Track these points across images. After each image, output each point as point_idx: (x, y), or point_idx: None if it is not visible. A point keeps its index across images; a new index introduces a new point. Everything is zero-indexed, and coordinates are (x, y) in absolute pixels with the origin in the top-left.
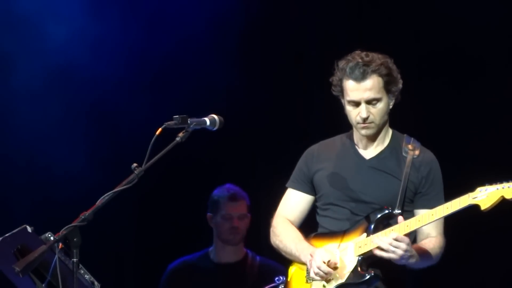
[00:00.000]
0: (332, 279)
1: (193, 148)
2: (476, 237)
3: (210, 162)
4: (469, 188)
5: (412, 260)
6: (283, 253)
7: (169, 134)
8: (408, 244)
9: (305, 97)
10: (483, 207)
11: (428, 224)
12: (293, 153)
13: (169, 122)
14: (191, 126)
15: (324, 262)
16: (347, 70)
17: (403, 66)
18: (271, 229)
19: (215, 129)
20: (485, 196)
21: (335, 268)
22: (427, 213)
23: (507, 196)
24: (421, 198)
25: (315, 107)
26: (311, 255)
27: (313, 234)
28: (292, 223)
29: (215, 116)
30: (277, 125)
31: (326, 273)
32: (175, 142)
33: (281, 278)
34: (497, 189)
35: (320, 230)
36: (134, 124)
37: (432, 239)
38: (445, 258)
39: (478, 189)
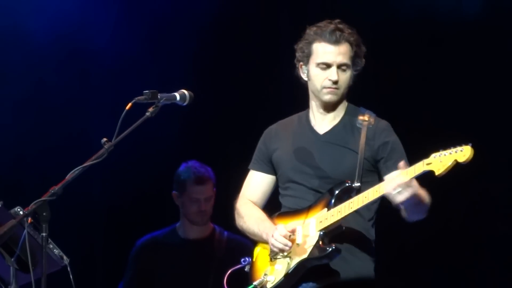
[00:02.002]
0: (296, 255)
1: (164, 124)
2: None
3: (181, 138)
4: (425, 155)
5: (415, 200)
6: (248, 234)
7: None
8: (416, 185)
9: (278, 76)
10: (437, 172)
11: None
12: (256, 130)
13: (139, 97)
14: (161, 101)
15: (282, 235)
16: (322, 32)
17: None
18: (235, 211)
19: (185, 104)
20: (439, 161)
21: (292, 240)
22: (383, 183)
23: (460, 160)
24: (385, 164)
25: (287, 87)
26: (272, 233)
27: (276, 214)
28: (256, 204)
29: (185, 91)
30: (250, 102)
31: (284, 245)
32: (144, 117)
33: (247, 259)
34: (450, 153)
35: (283, 209)
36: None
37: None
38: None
39: (432, 155)
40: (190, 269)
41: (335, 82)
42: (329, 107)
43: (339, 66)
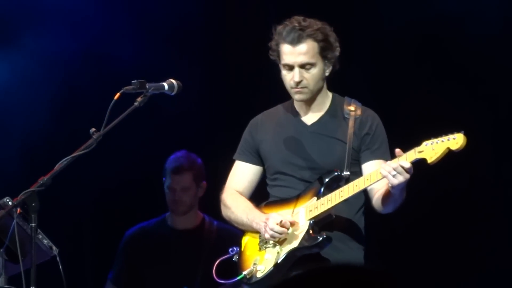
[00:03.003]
0: (286, 244)
1: (154, 114)
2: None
3: (171, 128)
4: (416, 144)
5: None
6: (235, 224)
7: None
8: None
9: (266, 66)
10: (430, 160)
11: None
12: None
13: (127, 87)
14: (150, 91)
15: (277, 224)
16: (283, 33)
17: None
18: (221, 202)
19: (173, 94)
20: (432, 149)
21: (288, 228)
22: (375, 171)
23: (453, 147)
24: (364, 152)
25: (275, 78)
26: (265, 220)
27: (264, 203)
28: (242, 194)
29: (174, 81)
30: (237, 92)
31: (280, 233)
32: (133, 107)
33: (235, 248)
34: (443, 141)
35: (271, 199)
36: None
37: None
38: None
39: (424, 143)
40: (179, 259)
41: (299, 83)
42: (308, 102)
43: (302, 66)
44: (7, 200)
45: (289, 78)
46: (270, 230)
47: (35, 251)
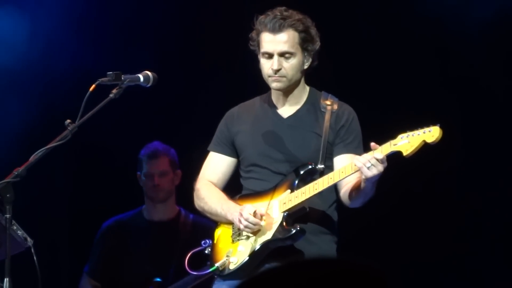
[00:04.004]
0: (259, 236)
1: (128, 105)
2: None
3: (144, 120)
4: (391, 137)
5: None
6: (208, 215)
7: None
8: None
9: (242, 58)
10: (405, 153)
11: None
12: (221, 112)
13: (103, 79)
14: (125, 82)
15: (251, 214)
16: (265, 22)
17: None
18: (195, 192)
19: (149, 85)
20: (407, 141)
21: (262, 219)
22: (350, 164)
23: (429, 140)
24: (338, 145)
25: (250, 70)
26: (240, 211)
27: (238, 196)
28: (215, 185)
29: (149, 73)
30: (209, 84)
31: (254, 224)
32: (108, 98)
33: (208, 241)
34: (419, 134)
35: (244, 192)
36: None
37: None
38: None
39: (400, 136)
40: (154, 251)
41: (277, 71)
42: (286, 93)
43: (281, 55)
44: None
45: (268, 66)
46: (244, 220)
47: (9, 242)
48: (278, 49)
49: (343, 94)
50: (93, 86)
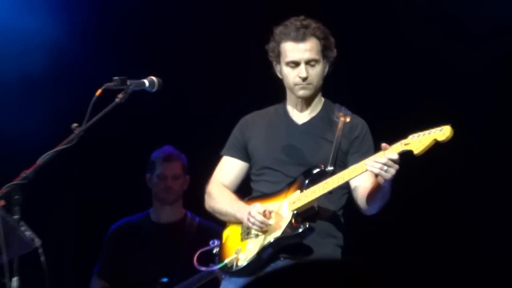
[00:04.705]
0: (269, 234)
1: (135, 110)
2: None
3: (152, 124)
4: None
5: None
6: (218, 215)
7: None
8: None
9: (245, 66)
10: (416, 151)
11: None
12: (229, 121)
13: (108, 83)
14: (131, 87)
15: (260, 213)
16: (286, 32)
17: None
18: (206, 193)
19: (154, 90)
20: (418, 141)
21: (270, 218)
22: (360, 164)
23: (440, 139)
24: (352, 155)
25: (258, 77)
26: (249, 210)
27: (247, 198)
28: (227, 188)
29: (154, 78)
30: (216, 93)
31: (262, 222)
32: (114, 103)
33: (216, 241)
34: (429, 133)
35: (254, 194)
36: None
37: None
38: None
39: (410, 136)
40: (160, 252)
41: (305, 79)
42: (305, 102)
43: (307, 62)
44: None
45: (294, 74)
46: (252, 218)
47: (18, 242)
48: (305, 57)
49: (356, 98)
50: (99, 91)
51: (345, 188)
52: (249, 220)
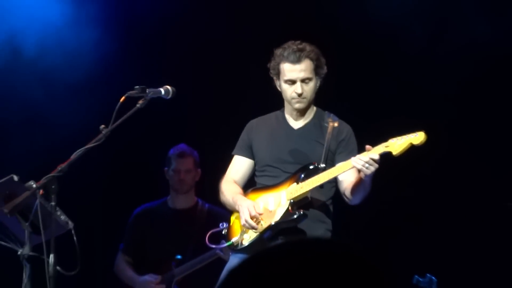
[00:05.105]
0: (269, 218)
1: (154, 115)
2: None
3: (170, 126)
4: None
5: (369, 184)
6: (228, 207)
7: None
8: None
9: (250, 78)
10: (395, 152)
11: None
12: (235, 123)
13: (131, 92)
14: (149, 95)
15: (250, 210)
16: (285, 55)
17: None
18: (220, 190)
19: (169, 97)
20: (397, 144)
21: (260, 216)
22: (347, 161)
23: (415, 143)
24: (339, 154)
25: (262, 86)
26: (242, 209)
27: (251, 189)
28: (237, 183)
29: (169, 87)
30: (225, 100)
31: (250, 225)
32: (135, 108)
33: (225, 224)
34: (407, 138)
35: (257, 185)
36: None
37: None
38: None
39: (390, 140)
40: (175, 233)
41: (300, 94)
42: (300, 111)
43: (302, 81)
44: (32, 183)
45: (291, 90)
46: (243, 220)
47: (54, 225)
48: (300, 76)
49: (343, 108)
50: (123, 98)
51: (334, 182)
52: (241, 220)
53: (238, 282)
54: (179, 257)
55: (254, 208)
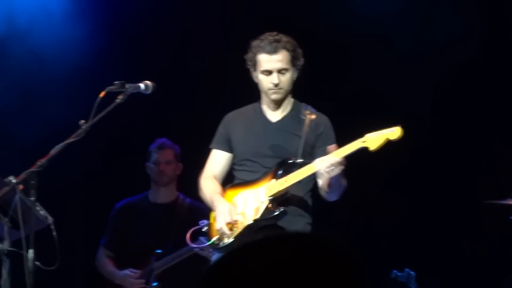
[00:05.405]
0: (249, 216)
1: (135, 110)
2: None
3: (151, 121)
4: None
5: (343, 181)
6: (206, 204)
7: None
8: (343, 166)
9: (227, 70)
10: (371, 148)
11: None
12: (215, 117)
13: (110, 87)
14: (129, 90)
15: (225, 217)
16: (261, 45)
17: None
18: (199, 186)
19: (148, 92)
20: (374, 139)
21: (236, 222)
22: (331, 155)
23: (391, 138)
24: (319, 149)
25: (240, 79)
26: (218, 214)
27: (229, 185)
28: (217, 177)
29: (148, 82)
30: (203, 95)
31: (224, 232)
32: (115, 103)
33: (205, 221)
34: (383, 133)
35: (235, 181)
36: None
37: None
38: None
39: (367, 135)
40: (156, 228)
41: (277, 85)
42: (277, 102)
43: (279, 71)
44: (11, 178)
45: (268, 81)
46: (218, 226)
47: (33, 220)
48: (276, 67)
49: (323, 102)
50: (103, 93)
51: (312, 175)
52: (217, 226)
53: (217, 279)
54: (159, 251)
55: (230, 215)
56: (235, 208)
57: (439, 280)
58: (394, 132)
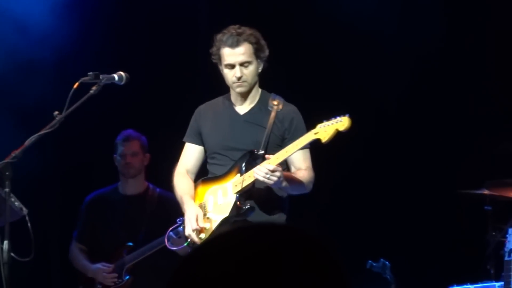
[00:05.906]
0: (219, 214)
1: (107, 101)
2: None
3: (121, 112)
4: (312, 126)
5: (284, 184)
6: (178, 201)
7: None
8: (280, 171)
9: (202, 62)
10: (323, 140)
11: (295, 159)
12: (187, 108)
13: (84, 78)
14: (103, 81)
15: (191, 224)
16: (224, 39)
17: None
18: (172, 181)
19: (122, 83)
20: (324, 131)
21: (202, 228)
22: (282, 151)
23: (340, 129)
24: (289, 141)
25: (210, 71)
26: (186, 219)
27: (200, 180)
28: (190, 171)
29: (122, 73)
30: (174, 86)
31: (192, 239)
32: (89, 94)
33: (182, 218)
34: (332, 124)
35: (209, 175)
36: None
37: (302, 171)
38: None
39: (318, 126)
40: (126, 220)
41: (240, 78)
42: (244, 95)
43: (241, 64)
44: None
45: (231, 75)
46: (187, 233)
47: (8, 211)
48: (238, 60)
49: (294, 94)
50: (77, 84)
51: (283, 164)
52: (185, 232)
53: (190, 273)
54: (130, 244)
55: (196, 221)
56: (202, 213)
57: (414, 270)
58: (342, 123)
